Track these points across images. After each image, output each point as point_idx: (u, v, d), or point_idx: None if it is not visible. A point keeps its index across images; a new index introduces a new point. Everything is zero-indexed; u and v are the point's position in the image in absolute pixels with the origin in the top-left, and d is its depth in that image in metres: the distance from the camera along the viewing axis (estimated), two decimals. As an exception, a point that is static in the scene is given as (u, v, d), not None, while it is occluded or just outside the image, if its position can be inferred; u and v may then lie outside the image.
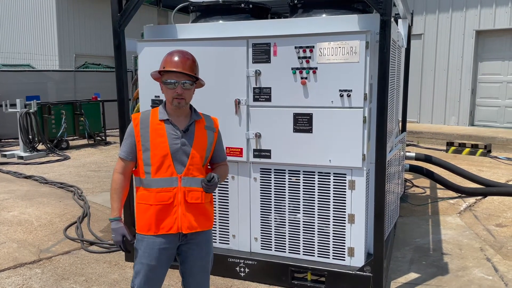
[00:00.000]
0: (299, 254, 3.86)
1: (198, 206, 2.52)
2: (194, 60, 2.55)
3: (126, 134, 2.55)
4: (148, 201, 2.46)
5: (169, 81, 2.46)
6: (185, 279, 2.64)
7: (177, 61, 2.46)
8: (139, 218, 2.51)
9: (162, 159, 2.45)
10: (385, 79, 3.35)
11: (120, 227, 2.51)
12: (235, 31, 3.92)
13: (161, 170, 2.45)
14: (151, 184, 2.46)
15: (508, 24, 11.60)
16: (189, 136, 2.51)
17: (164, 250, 2.48)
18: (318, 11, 3.91)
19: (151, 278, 2.49)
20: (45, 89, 13.08)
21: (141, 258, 2.48)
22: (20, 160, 9.36)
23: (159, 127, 2.48)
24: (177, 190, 2.45)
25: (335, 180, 3.68)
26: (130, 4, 3.89)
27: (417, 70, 12.86)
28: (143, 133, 2.48)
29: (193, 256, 2.57)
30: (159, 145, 2.45)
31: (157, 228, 2.45)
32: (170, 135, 2.47)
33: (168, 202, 2.45)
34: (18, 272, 4.12)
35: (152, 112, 2.55)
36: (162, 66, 2.50)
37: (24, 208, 5.92)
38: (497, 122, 12.15)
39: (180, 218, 2.45)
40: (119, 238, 2.50)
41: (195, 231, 2.51)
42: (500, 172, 8.09)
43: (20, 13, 18.40)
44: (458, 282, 3.91)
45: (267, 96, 3.74)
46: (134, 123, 2.52)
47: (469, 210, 5.91)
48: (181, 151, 2.47)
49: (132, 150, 2.52)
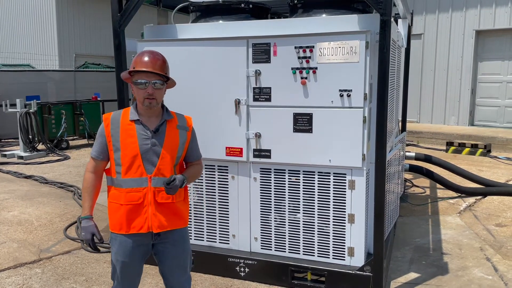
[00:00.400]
0: (299, 254, 3.86)
1: (169, 206, 2.54)
2: (165, 60, 2.55)
3: (98, 133, 2.56)
4: (118, 200, 2.50)
5: (140, 81, 2.46)
6: (166, 278, 2.70)
7: (147, 61, 2.47)
8: (111, 217, 2.55)
9: (132, 159, 2.47)
10: (385, 79, 3.35)
11: (90, 225, 2.51)
12: (235, 31, 3.92)
13: (131, 171, 2.47)
14: (122, 184, 2.49)
15: (508, 24, 11.60)
16: (160, 136, 2.52)
17: (138, 247, 2.54)
18: (318, 11, 3.92)
19: (127, 273, 2.57)
20: (45, 89, 13.08)
21: (116, 255, 2.55)
22: (20, 160, 9.36)
23: (130, 127, 2.50)
24: (147, 190, 2.48)
25: (335, 180, 3.68)
26: (130, 4, 3.89)
27: (417, 70, 12.86)
28: (113, 133, 2.50)
29: (170, 254, 2.61)
30: (129, 146, 2.47)
31: (128, 227, 2.49)
32: (140, 136, 2.49)
33: (138, 202, 2.48)
34: (18, 272, 4.12)
35: (123, 112, 2.56)
36: (132, 66, 2.50)
37: (24, 208, 5.92)
38: (497, 122, 12.16)
39: (150, 218, 2.49)
40: (89, 236, 2.50)
41: (166, 230, 2.55)
42: (499, 172, 8.09)
43: (20, 13, 18.38)
44: (458, 281, 3.91)
45: (267, 96, 3.74)
46: (105, 123, 2.53)
47: (469, 210, 5.91)
48: (151, 152, 2.49)
49: (103, 149, 2.54)
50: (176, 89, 3.96)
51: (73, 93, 13.65)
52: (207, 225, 4.13)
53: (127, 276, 2.59)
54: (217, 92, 3.85)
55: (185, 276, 2.72)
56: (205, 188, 4.09)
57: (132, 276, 2.62)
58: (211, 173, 4.05)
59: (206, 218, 4.12)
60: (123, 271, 2.56)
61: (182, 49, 3.92)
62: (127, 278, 2.60)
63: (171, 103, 4.00)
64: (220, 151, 3.92)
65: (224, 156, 3.93)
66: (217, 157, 3.96)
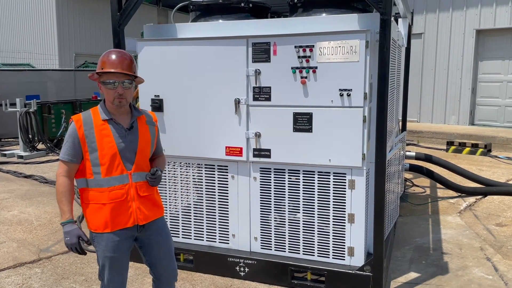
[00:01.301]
0: (299, 254, 3.85)
1: (149, 197, 2.66)
2: (132, 58, 2.59)
3: (67, 136, 2.53)
4: (100, 200, 2.52)
5: (109, 82, 2.50)
6: (153, 267, 2.77)
7: (115, 61, 2.49)
8: (93, 218, 2.56)
9: (112, 158, 2.51)
10: (385, 78, 3.34)
11: (75, 228, 2.51)
12: (235, 30, 3.91)
13: (111, 169, 2.52)
14: (102, 184, 2.52)
15: (508, 23, 11.58)
16: (134, 133, 2.60)
17: (124, 241, 2.60)
18: (318, 10, 3.91)
19: (117, 268, 2.61)
20: (45, 88, 13.07)
21: (104, 253, 2.57)
22: (20, 159, 9.35)
23: (104, 127, 2.53)
24: (129, 186, 2.56)
25: (335, 180, 3.67)
26: (130, 3, 3.89)
27: (417, 69, 12.84)
28: (87, 134, 2.50)
29: (156, 243, 2.71)
30: (107, 145, 2.51)
31: (114, 224, 2.54)
32: (116, 134, 2.53)
33: (122, 198, 2.54)
34: (18, 272, 4.12)
35: (92, 112, 2.58)
36: (100, 67, 2.52)
37: (24, 208, 5.92)
38: (497, 121, 12.14)
39: (135, 212, 2.58)
40: (75, 240, 2.49)
41: (150, 220, 2.66)
42: (500, 172, 8.08)
43: (20, 12, 18.38)
44: (458, 281, 3.91)
45: (267, 96, 3.74)
46: (77, 125, 2.51)
47: (469, 210, 5.91)
48: (128, 149, 2.56)
49: (76, 152, 2.52)
50: (176, 89, 3.98)
51: (73, 93, 13.64)
52: (207, 225, 4.13)
53: (117, 272, 2.62)
54: (217, 91, 3.85)
55: (174, 263, 2.81)
56: (205, 188, 4.08)
57: (121, 271, 2.65)
58: (211, 172, 4.05)
59: (206, 218, 4.12)
60: (112, 267, 2.59)
61: (181, 48, 3.92)
62: (117, 273, 2.62)
63: (172, 102, 4.01)
64: (220, 151, 3.91)
65: (224, 156, 3.92)
66: (216, 157, 3.95)
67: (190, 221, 4.18)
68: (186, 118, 3.98)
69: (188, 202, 4.19)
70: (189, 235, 4.20)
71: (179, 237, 4.23)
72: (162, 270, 2.77)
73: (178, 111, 3.99)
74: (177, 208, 4.21)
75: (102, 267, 2.61)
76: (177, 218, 4.22)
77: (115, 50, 2.58)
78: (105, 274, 2.62)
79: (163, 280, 2.80)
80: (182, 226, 4.22)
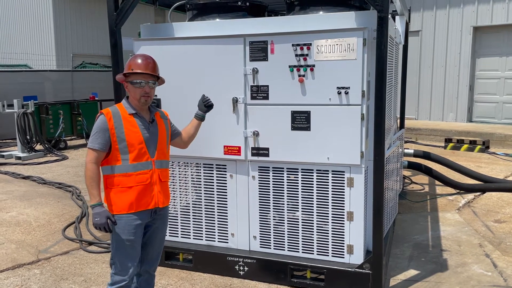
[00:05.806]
0: (298, 252, 3.85)
1: (166, 185, 3.00)
2: (155, 62, 2.93)
3: (97, 128, 2.78)
4: (126, 184, 2.80)
5: (137, 81, 2.83)
6: (144, 250, 2.99)
7: (142, 64, 2.84)
8: (118, 201, 2.80)
9: (138, 146, 2.82)
10: (382, 76, 3.34)
11: (104, 210, 2.75)
12: (232, 29, 3.90)
13: (138, 156, 2.82)
14: (130, 169, 2.80)
15: (505, 20, 11.60)
16: (155, 125, 2.95)
17: (139, 225, 2.85)
18: (315, 9, 3.90)
19: (130, 252, 2.84)
20: (43, 89, 13.04)
21: (120, 235, 2.80)
22: (18, 160, 9.34)
23: (131, 119, 2.84)
24: (152, 172, 2.87)
25: (333, 178, 3.67)
26: (126, 3, 3.87)
27: (415, 67, 12.86)
28: (117, 125, 2.79)
29: (158, 229, 3.01)
30: (134, 135, 2.81)
31: (138, 205, 2.81)
32: (141, 126, 2.86)
33: (146, 182, 2.84)
34: (17, 273, 4.11)
35: (118, 107, 2.88)
36: (130, 68, 2.84)
37: (22, 209, 5.91)
38: (495, 118, 12.16)
39: (156, 195, 2.89)
40: (104, 220, 2.72)
41: (166, 205, 2.99)
42: (498, 168, 8.10)
43: (17, 13, 18.32)
44: (457, 278, 3.91)
45: (265, 94, 3.73)
46: (107, 117, 2.80)
47: (467, 206, 5.92)
48: (151, 139, 2.89)
49: (106, 141, 2.78)
50: (173, 88, 3.97)
51: (71, 93, 13.61)
52: (206, 224, 4.12)
53: (130, 255, 2.83)
54: (214, 90, 3.84)
55: (162, 247, 3.12)
56: (203, 187, 4.08)
57: (134, 255, 2.86)
58: (209, 172, 4.04)
59: (205, 217, 4.11)
60: (127, 250, 2.81)
61: (178, 47, 3.91)
62: (130, 258, 2.84)
63: (169, 102, 4.00)
64: (218, 150, 3.91)
65: (222, 155, 3.91)
66: (215, 156, 3.95)
67: (189, 221, 4.18)
68: (183, 117, 3.97)
69: (187, 202, 4.18)
70: (188, 234, 4.19)
71: (178, 236, 4.22)
72: (152, 251, 3.02)
73: (175, 110, 3.98)
74: (176, 208, 4.21)
75: (116, 250, 2.83)
76: (176, 218, 4.22)
77: (141, 55, 2.92)
78: (117, 257, 2.83)
79: (148, 262, 3.04)
80: (181, 226, 4.21)
